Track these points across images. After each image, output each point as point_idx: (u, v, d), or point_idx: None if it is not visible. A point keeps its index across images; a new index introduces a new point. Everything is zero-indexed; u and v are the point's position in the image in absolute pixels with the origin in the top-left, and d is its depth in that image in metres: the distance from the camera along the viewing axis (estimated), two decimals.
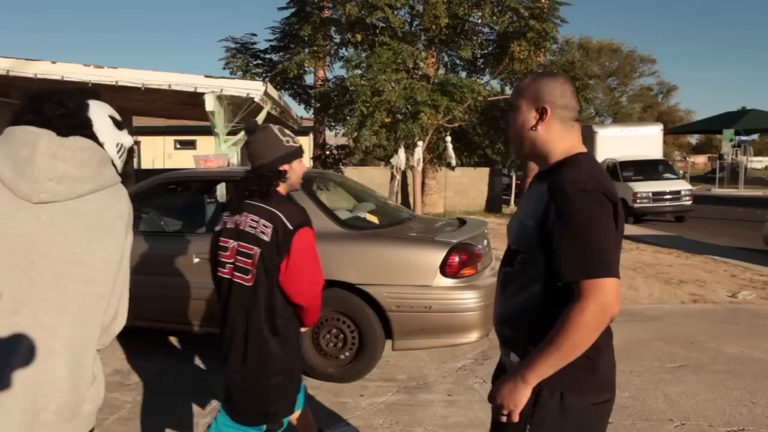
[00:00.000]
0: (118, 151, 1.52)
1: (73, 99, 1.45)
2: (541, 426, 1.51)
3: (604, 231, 1.46)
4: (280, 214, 2.21)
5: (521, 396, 1.50)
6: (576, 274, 1.44)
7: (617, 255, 1.52)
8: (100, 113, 1.49)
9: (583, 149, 1.62)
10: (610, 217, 1.48)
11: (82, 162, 1.38)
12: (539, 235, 1.51)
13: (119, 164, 1.53)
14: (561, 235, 1.46)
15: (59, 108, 1.41)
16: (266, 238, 2.18)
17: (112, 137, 1.50)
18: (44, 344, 1.33)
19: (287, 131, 2.38)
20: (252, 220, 2.23)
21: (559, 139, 1.61)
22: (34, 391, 1.31)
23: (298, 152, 2.35)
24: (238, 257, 2.23)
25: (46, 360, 1.32)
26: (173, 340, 4.88)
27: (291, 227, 2.20)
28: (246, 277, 2.22)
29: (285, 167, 2.30)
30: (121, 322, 1.52)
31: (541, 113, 1.60)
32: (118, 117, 1.55)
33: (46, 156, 1.34)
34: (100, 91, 1.58)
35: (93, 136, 1.44)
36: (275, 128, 2.36)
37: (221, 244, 2.30)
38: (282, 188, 2.32)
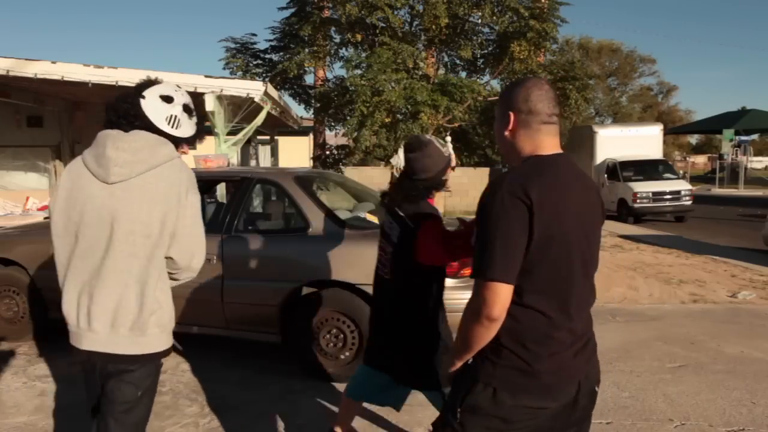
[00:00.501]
0: (169, 123, 1.99)
1: (128, 100, 1.97)
2: (469, 412, 1.61)
3: (500, 233, 1.49)
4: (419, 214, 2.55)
5: (451, 366, 1.70)
6: (472, 272, 1.57)
7: (512, 257, 1.50)
8: (151, 101, 1.96)
9: (547, 152, 1.64)
10: (517, 219, 1.49)
11: (136, 150, 1.90)
12: None
13: (176, 132, 2.00)
14: (476, 234, 1.58)
15: (118, 111, 1.96)
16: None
17: (162, 115, 1.97)
18: (122, 281, 1.91)
19: (443, 142, 2.66)
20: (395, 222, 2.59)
21: (523, 143, 1.65)
22: (115, 314, 1.91)
23: (450, 157, 2.63)
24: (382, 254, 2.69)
25: (123, 292, 1.91)
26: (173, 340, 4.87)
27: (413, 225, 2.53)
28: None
29: (447, 175, 2.62)
30: (199, 260, 2.07)
31: (509, 119, 1.66)
32: (170, 91, 2.00)
33: (111, 149, 1.90)
34: (156, 79, 2.03)
35: (149, 125, 1.95)
36: (435, 141, 2.60)
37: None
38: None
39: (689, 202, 14.62)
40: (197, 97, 7.08)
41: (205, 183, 6.05)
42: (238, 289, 4.14)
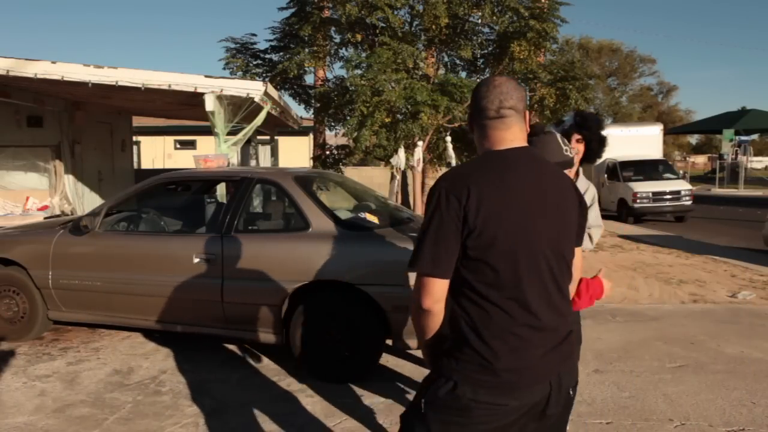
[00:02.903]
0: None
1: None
2: (432, 405, 1.61)
3: (433, 228, 1.54)
4: None
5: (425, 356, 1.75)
6: (408, 263, 1.60)
7: (443, 253, 1.53)
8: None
9: (502, 146, 1.64)
10: (450, 216, 1.52)
11: None
12: None
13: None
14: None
15: None
16: None
17: None
18: None
19: (567, 142, 2.64)
20: None
21: (479, 140, 1.70)
22: None
23: (569, 163, 2.56)
24: None
25: None
26: (173, 340, 4.88)
27: None
28: None
29: None
30: None
31: (469, 121, 1.72)
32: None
33: None
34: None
35: None
36: (559, 136, 2.58)
37: None
38: None
39: (689, 202, 14.61)
40: (197, 97, 7.10)
41: (205, 183, 6.07)
42: (238, 289, 4.14)
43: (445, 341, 1.62)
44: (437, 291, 1.55)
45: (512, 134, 1.65)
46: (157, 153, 22.11)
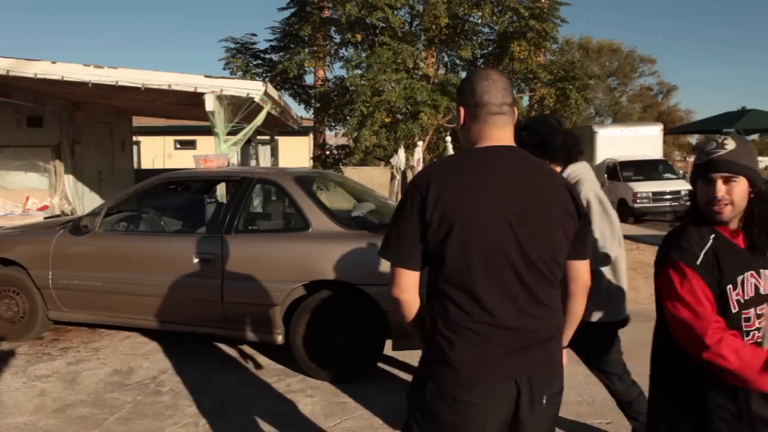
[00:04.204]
0: None
1: None
2: (410, 402, 1.68)
3: (396, 220, 1.62)
4: None
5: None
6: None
7: (405, 244, 1.59)
8: None
9: (488, 143, 1.63)
10: (411, 209, 1.57)
11: None
12: None
13: None
14: None
15: None
16: None
17: None
18: None
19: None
20: None
21: (472, 135, 1.67)
22: None
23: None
24: None
25: None
26: (173, 340, 4.88)
27: None
28: None
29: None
30: None
31: (459, 115, 1.69)
32: None
33: None
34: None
35: None
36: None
37: None
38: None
39: (689, 202, 14.60)
40: (197, 97, 7.10)
41: (205, 183, 6.07)
42: (238, 289, 4.14)
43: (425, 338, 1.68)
44: (403, 281, 1.61)
45: (505, 133, 1.64)
46: (157, 153, 22.10)
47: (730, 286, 1.74)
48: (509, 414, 1.56)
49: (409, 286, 1.61)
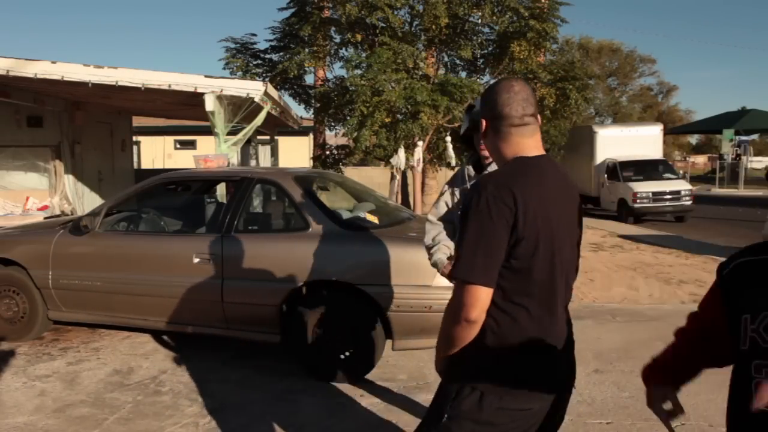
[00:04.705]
0: None
1: None
2: (456, 417, 1.57)
3: (483, 236, 1.48)
4: None
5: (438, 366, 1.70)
6: (452, 272, 1.54)
7: (494, 261, 1.49)
8: None
9: (529, 153, 1.62)
10: (501, 222, 1.47)
11: None
12: None
13: None
14: (459, 235, 1.57)
15: None
16: None
17: None
18: None
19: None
20: None
21: (501, 146, 1.65)
22: None
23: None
24: None
25: None
26: (173, 340, 4.88)
27: None
28: None
29: None
30: None
31: (481, 126, 1.70)
32: None
33: None
34: None
35: None
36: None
37: None
38: None
39: (689, 202, 14.60)
40: (197, 97, 7.10)
41: (205, 183, 6.07)
42: (238, 289, 4.14)
43: (468, 351, 1.58)
44: (486, 301, 1.50)
45: (535, 141, 1.65)
46: (157, 153, 22.10)
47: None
48: (553, 408, 1.66)
49: (487, 306, 1.52)
